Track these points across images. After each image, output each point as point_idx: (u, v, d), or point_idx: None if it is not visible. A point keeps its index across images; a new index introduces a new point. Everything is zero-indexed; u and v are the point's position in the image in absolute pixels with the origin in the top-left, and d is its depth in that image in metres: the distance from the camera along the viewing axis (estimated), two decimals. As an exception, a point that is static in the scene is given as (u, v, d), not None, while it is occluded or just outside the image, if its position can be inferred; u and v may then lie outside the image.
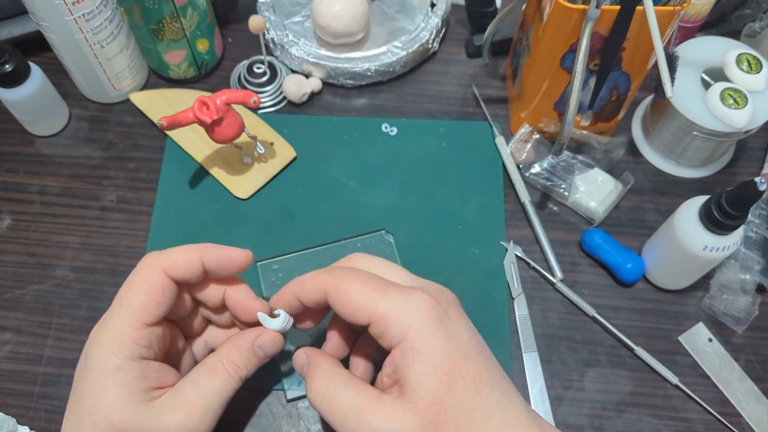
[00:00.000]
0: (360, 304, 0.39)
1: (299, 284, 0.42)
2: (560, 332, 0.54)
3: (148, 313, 0.40)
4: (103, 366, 0.39)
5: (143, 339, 0.40)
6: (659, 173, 0.62)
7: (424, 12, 0.67)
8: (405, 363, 0.37)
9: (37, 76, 0.58)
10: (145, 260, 0.42)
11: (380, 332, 0.38)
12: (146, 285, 0.40)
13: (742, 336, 0.54)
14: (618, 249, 0.55)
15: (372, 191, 0.60)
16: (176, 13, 0.58)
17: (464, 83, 0.67)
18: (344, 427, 0.38)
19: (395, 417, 0.37)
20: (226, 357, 0.42)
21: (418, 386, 0.37)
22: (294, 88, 0.63)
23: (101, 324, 0.41)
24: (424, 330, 0.38)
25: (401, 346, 0.38)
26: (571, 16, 0.49)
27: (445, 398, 0.37)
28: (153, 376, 0.40)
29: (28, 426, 0.50)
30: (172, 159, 0.61)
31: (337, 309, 0.40)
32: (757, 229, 0.57)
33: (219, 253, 0.42)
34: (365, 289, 0.39)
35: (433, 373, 0.37)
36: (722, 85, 0.55)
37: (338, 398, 0.39)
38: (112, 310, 0.41)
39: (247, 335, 0.43)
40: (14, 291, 0.55)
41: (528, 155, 0.61)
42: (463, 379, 0.37)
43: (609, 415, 0.51)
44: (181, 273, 0.41)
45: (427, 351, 0.37)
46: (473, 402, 0.37)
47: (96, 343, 0.40)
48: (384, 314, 0.38)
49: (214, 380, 0.41)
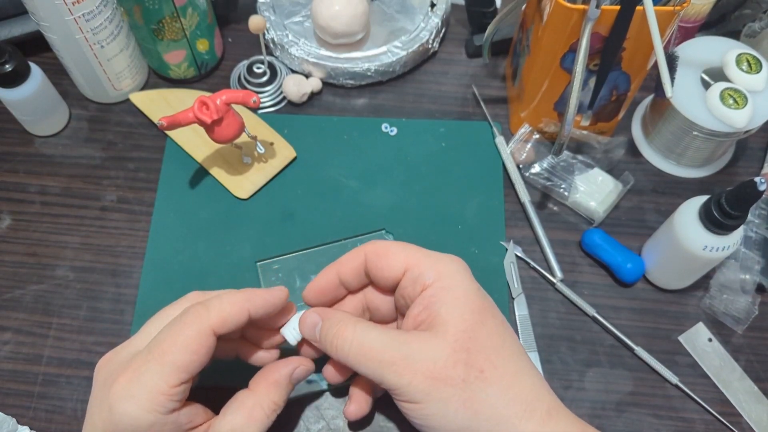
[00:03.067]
0: (398, 256, 0.42)
1: (338, 262, 0.45)
2: (560, 332, 0.54)
3: (188, 372, 0.38)
4: (137, 425, 0.38)
5: (178, 395, 0.38)
6: (659, 173, 0.62)
7: (424, 12, 0.67)
8: (437, 299, 0.40)
9: (37, 76, 0.58)
10: (193, 317, 0.39)
11: (415, 277, 0.41)
12: (193, 345, 0.38)
13: (742, 336, 0.54)
14: (618, 249, 0.55)
15: (372, 191, 0.60)
16: (176, 13, 0.58)
17: (464, 83, 0.67)
18: (377, 362, 0.39)
19: (428, 342, 0.39)
20: (266, 397, 0.41)
21: (450, 317, 0.39)
22: (294, 88, 0.63)
23: (133, 378, 0.38)
24: (456, 275, 0.41)
25: (434, 285, 0.40)
26: (571, 16, 0.49)
27: (477, 327, 0.39)
28: (184, 422, 0.39)
29: (28, 426, 0.50)
30: (172, 159, 0.61)
31: (376, 265, 0.43)
32: (757, 229, 0.57)
33: (264, 303, 0.42)
34: (401, 246, 0.43)
35: (465, 305, 0.39)
36: (722, 85, 0.55)
37: (368, 338, 0.40)
38: (147, 361, 0.38)
39: (283, 369, 0.43)
40: (14, 291, 0.55)
41: (528, 155, 0.61)
42: (493, 319, 0.40)
43: (609, 415, 0.51)
44: (227, 330, 0.40)
45: (459, 288, 0.40)
46: (502, 340, 0.40)
47: (127, 401, 0.38)
48: (419, 261, 0.41)
49: (252, 425, 0.40)
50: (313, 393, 0.50)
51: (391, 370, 0.38)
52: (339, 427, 0.49)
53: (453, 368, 0.38)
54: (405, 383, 0.38)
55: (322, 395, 0.50)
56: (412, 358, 0.38)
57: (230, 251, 0.56)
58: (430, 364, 0.38)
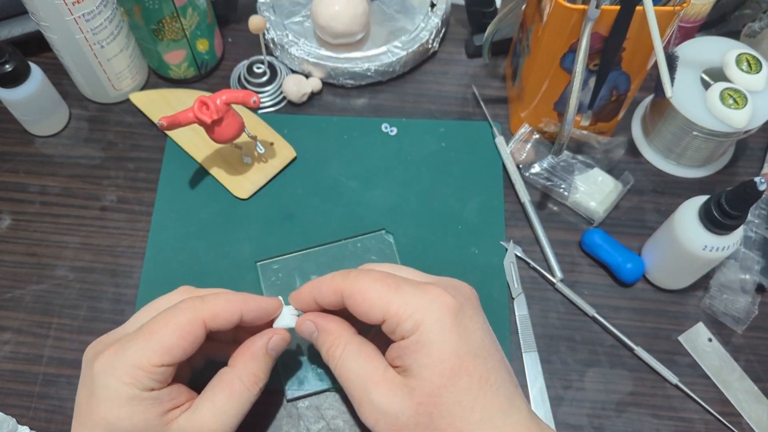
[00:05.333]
0: (374, 302, 0.39)
1: (316, 287, 0.43)
2: (560, 332, 0.54)
3: (171, 357, 0.39)
4: (116, 396, 0.38)
5: (158, 375, 0.39)
6: (659, 173, 0.62)
7: (424, 12, 0.67)
8: (410, 353, 0.38)
9: (37, 76, 0.58)
10: (188, 304, 0.40)
11: (393, 328, 0.39)
12: (182, 330, 0.39)
13: (741, 336, 0.54)
14: (618, 249, 0.55)
15: (372, 191, 0.60)
16: (176, 13, 0.58)
17: (464, 83, 0.67)
18: (350, 393, 0.40)
19: (393, 395, 0.38)
20: (245, 370, 0.42)
21: (419, 376, 0.38)
22: (294, 88, 0.63)
23: (117, 352, 0.39)
24: (435, 325, 0.38)
25: (411, 338, 0.38)
26: (571, 16, 0.49)
27: (443, 392, 0.37)
28: (166, 399, 0.40)
29: (28, 426, 0.50)
30: (172, 159, 0.61)
31: (353, 308, 0.41)
32: (757, 229, 0.57)
33: (257, 307, 0.43)
34: (379, 287, 0.40)
35: (435, 366, 0.37)
36: (722, 85, 0.55)
37: (349, 367, 0.40)
38: (135, 338, 0.39)
39: (258, 341, 0.43)
40: (14, 291, 0.55)
41: (528, 155, 0.61)
42: (468, 378, 0.37)
43: (609, 415, 0.51)
44: (218, 325, 0.41)
45: (434, 345, 0.38)
46: (474, 402, 0.37)
47: (108, 373, 0.38)
48: (397, 310, 0.39)
49: (233, 399, 0.41)
50: (313, 393, 0.50)
51: (360, 408, 0.40)
52: (339, 427, 0.49)
53: (414, 429, 0.38)
54: (370, 425, 0.39)
55: (322, 395, 0.50)
56: (378, 406, 0.38)
57: (230, 251, 0.56)
58: (393, 419, 0.38)
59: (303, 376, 0.51)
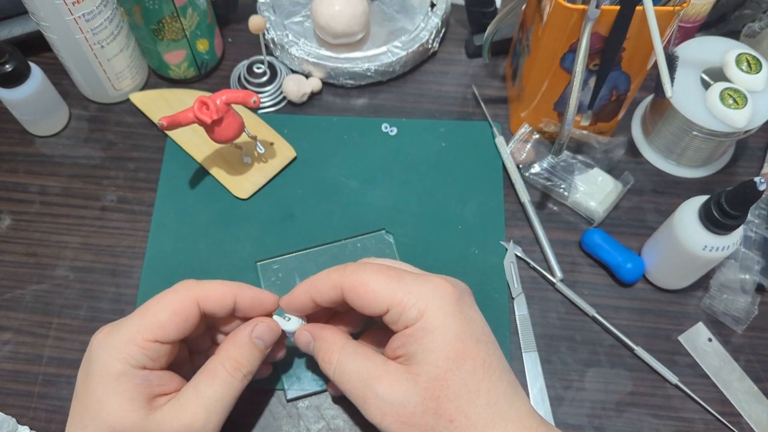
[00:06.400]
0: (378, 293, 0.39)
1: (312, 285, 0.43)
2: (560, 332, 0.54)
3: (164, 332, 0.40)
4: (106, 372, 0.39)
5: (151, 351, 0.40)
6: (659, 173, 0.62)
7: (424, 12, 0.67)
8: (414, 340, 0.38)
9: (37, 76, 0.58)
10: (182, 285, 0.42)
11: (397, 318, 0.39)
12: (175, 307, 0.41)
13: (741, 336, 0.54)
14: (618, 249, 0.55)
15: (372, 191, 0.60)
16: (176, 13, 0.58)
17: (464, 83, 0.67)
18: (353, 394, 0.40)
19: (398, 385, 0.38)
20: (226, 356, 0.42)
21: (424, 361, 0.38)
22: (294, 88, 0.63)
23: (113, 329, 0.41)
24: (439, 312, 0.39)
25: (415, 326, 0.39)
26: (571, 16, 0.49)
27: (450, 375, 0.38)
28: (155, 383, 0.40)
29: (28, 426, 0.50)
30: (172, 159, 0.61)
31: (355, 302, 0.41)
32: (757, 229, 0.57)
33: (252, 295, 0.43)
34: (381, 278, 0.40)
35: (441, 350, 0.38)
36: (722, 85, 0.55)
37: (348, 368, 0.40)
38: (131, 317, 0.41)
39: (243, 329, 0.43)
40: (14, 291, 0.55)
41: (528, 155, 0.61)
42: (473, 361, 0.38)
43: (609, 415, 0.51)
44: (212, 307, 0.42)
45: (438, 330, 0.38)
46: (479, 385, 0.38)
47: (102, 348, 0.40)
48: (401, 299, 0.39)
49: (215, 385, 0.41)
50: (313, 393, 0.50)
51: (365, 405, 0.39)
52: (339, 427, 0.49)
53: (422, 416, 0.37)
54: (377, 421, 0.39)
55: (322, 395, 0.50)
56: (383, 398, 0.38)
57: (230, 251, 0.56)
58: (400, 409, 0.38)
59: (303, 376, 0.51)
